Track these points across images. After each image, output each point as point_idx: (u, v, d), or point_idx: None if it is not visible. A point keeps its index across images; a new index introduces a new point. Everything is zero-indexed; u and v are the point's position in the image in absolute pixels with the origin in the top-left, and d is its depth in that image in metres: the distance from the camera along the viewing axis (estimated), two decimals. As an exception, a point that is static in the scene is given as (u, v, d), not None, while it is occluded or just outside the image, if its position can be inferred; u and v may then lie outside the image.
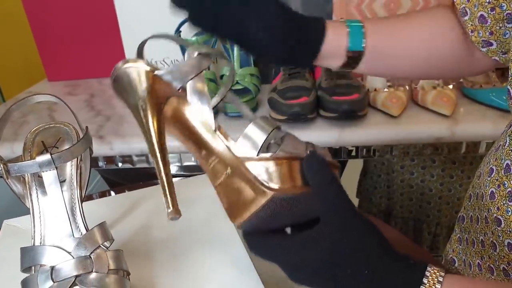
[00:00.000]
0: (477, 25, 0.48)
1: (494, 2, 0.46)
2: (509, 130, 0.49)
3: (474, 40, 0.49)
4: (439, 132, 0.79)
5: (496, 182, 0.49)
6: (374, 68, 0.52)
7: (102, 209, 0.58)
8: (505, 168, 0.47)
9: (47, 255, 0.39)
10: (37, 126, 0.47)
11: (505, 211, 0.47)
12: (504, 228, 0.47)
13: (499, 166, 0.49)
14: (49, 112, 0.98)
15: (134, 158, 0.87)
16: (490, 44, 0.49)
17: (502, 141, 0.51)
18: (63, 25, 1.15)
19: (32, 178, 0.43)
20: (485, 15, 0.47)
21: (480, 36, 0.48)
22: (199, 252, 0.49)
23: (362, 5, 1.07)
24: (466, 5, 0.49)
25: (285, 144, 0.36)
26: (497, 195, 0.48)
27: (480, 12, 0.47)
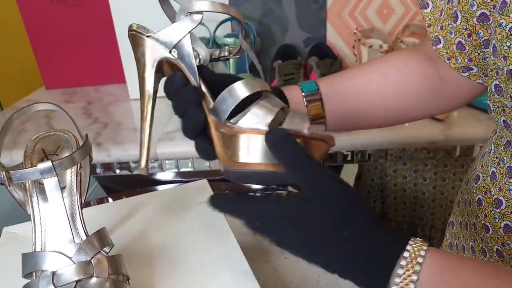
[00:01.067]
0: (455, 52, 0.48)
1: (471, 29, 0.45)
2: (494, 137, 0.50)
3: (453, 67, 0.49)
4: (433, 136, 0.81)
5: (483, 189, 0.49)
6: (351, 124, 0.55)
7: (101, 215, 0.58)
8: (491, 176, 0.48)
9: (48, 260, 0.39)
10: (37, 134, 0.47)
11: (492, 218, 0.48)
12: (492, 234, 0.48)
13: (485, 173, 0.50)
14: (47, 119, 0.99)
15: (131, 164, 0.87)
16: (470, 69, 0.48)
17: (488, 147, 0.51)
18: (60, 33, 1.16)
19: (33, 185, 0.43)
20: (463, 42, 0.47)
21: (459, 63, 0.48)
22: (198, 256, 0.49)
23: (355, 12, 1.09)
24: (439, 33, 0.49)
25: (287, 122, 0.37)
26: (484, 202, 0.49)
27: (458, 39, 0.47)
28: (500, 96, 0.42)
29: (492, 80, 0.43)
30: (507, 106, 0.41)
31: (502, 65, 0.40)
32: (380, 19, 1.09)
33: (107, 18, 1.05)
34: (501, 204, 0.46)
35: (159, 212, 0.58)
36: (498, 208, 0.47)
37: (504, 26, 0.39)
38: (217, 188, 0.74)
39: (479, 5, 0.43)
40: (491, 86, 0.43)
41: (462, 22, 0.45)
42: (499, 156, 0.48)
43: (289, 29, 1.09)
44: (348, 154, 0.85)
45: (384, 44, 0.99)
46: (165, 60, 0.39)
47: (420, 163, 1.12)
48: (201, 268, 0.48)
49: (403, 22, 1.09)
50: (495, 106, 0.44)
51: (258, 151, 0.35)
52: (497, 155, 0.48)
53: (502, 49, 0.39)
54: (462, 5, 0.45)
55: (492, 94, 0.43)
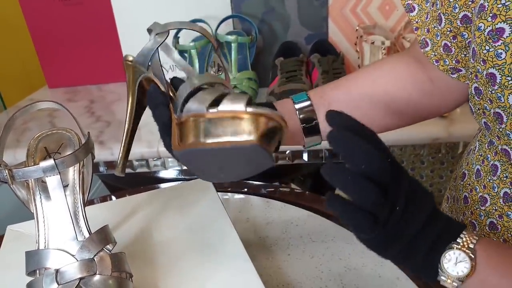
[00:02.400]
0: (442, 54, 0.48)
1: (455, 31, 0.45)
2: (479, 135, 0.50)
3: (442, 69, 0.49)
4: (436, 132, 0.81)
5: (468, 187, 0.50)
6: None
7: (104, 213, 0.59)
8: (476, 173, 0.48)
9: (52, 258, 0.39)
10: (40, 133, 0.47)
11: (478, 215, 0.48)
12: (479, 232, 0.48)
13: (470, 171, 0.50)
14: (49, 118, 0.99)
15: (134, 163, 0.88)
16: (459, 70, 0.48)
17: (473, 145, 0.51)
18: (62, 32, 1.16)
19: (36, 183, 0.44)
20: (449, 44, 0.47)
21: (447, 64, 0.48)
22: (200, 254, 0.50)
23: (357, 9, 1.09)
24: (426, 36, 0.49)
25: (225, 102, 0.37)
26: (470, 200, 0.49)
27: (444, 41, 0.47)
28: (480, 98, 0.42)
29: (472, 83, 0.43)
30: (486, 108, 0.41)
31: (482, 69, 0.40)
32: (382, 16, 1.09)
33: (109, 16, 1.05)
34: (486, 202, 0.47)
35: (162, 210, 0.58)
36: (483, 206, 0.47)
37: (482, 29, 0.39)
38: (220, 185, 0.74)
39: (461, 7, 0.43)
40: (471, 88, 0.43)
41: (447, 25, 0.45)
42: (483, 154, 0.48)
43: (291, 26, 1.08)
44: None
45: (386, 40, 0.98)
46: (143, 78, 0.45)
47: (417, 161, 1.12)
48: (203, 266, 0.48)
49: (405, 18, 1.09)
50: (475, 108, 0.44)
51: (192, 133, 0.37)
52: (481, 152, 0.48)
53: (481, 52, 0.39)
54: (445, 7, 0.45)
55: (473, 96, 0.43)
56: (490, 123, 0.42)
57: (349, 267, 0.55)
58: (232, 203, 0.70)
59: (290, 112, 0.50)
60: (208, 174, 0.43)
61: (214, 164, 0.39)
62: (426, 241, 0.33)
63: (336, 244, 0.59)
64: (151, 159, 0.87)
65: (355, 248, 0.58)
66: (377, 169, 0.32)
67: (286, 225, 0.63)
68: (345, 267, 0.55)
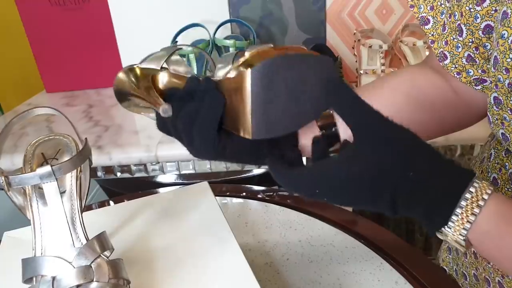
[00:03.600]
0: (465, 65, 0.46)
1: (477, 42, 0.44)
2: (493, 142, 0.49)
3: (465, 81, 0.47)
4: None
5: None
6: None
7: (101, 219, 0.58)
8: (492, 182, 0.47)
9: (48, 265, 0.39)
10: (37, 138, 0.47)
11: None
12: None
13: (485, 179, 0.48)
14: (47, 123, 0.99)
15: (132, 167, 0.87)
16: (484, 81, 0.46)
17: (487, 153, 0.50)
18: (60, 37, 1.16)
19: (33, 189, 0.43)
20: (472, 55, 0.45)
21: (471, 75, 0.46)
22: (199, 259, 0.49)
23: (354, 13, 1.09)
24: (444, 48, 0.47)
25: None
26: None
27: (467, 52, 0.45)
28: (499, 109, 0.41)
29: (492, 92, 0.41)
30: (506, 119, 0.40)
31: (503, 78, 0.39)
32: (379, 19, 1.09)
33: (107, 21, 1.05)
34: None
35: (160, 215, 0.58)
36: None
37: (506, 37, 0.37)
38: (218, 190, 0.74)
39: (482, 17, 0.42)
40: (490, 98, 0.42)
41: (468, 35, 0.44)
42: (500, 162, 0.47)
43: (288, 30, 1.09)
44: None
45: (384, 44, 0.99)
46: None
47: None
48: (202, 271, 0.48)
49: (402, 22, 1.09)
50: (494, 118, 0.43)
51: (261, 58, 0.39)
52: (498, 160, 0.47)
53: (505, 61, 0.38)
54: (466, 17, 0.43)
55: (491, 106, 0.42)
56: (509, 134, 0.41)
57: (348, 271, 0.55)
58: (231, 207, 0.70)
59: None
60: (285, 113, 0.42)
61: (291, 90, 0.40)
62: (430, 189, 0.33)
63: (335, 248, 0.59)
64: (149, 164, 0.87)
65: (354, 252, 0.58)
66: None
67: (285, 229, 0.63)
68: (344, 271, 0.55)
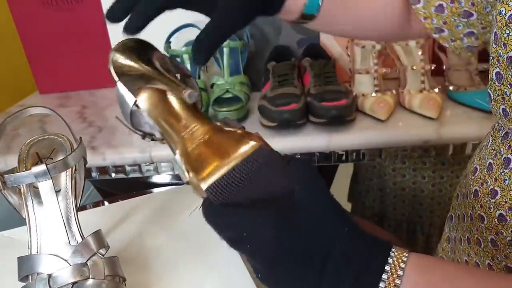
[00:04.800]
0: (432, 13, 0.51)
1: None
2: (492, 131, 0.51)
3: (428, 27, 0.53)
4: (426, 134, 0.81)
5: (480, 181, 0.50)
6: (322, 29, 0.57)
7: (96, 218, 0.58)
8: (488, 167, 0.49)
9: (44, 263, 0.39)
10: (32, 138, 0.47)
11: (487, 208, 0.48)
12: (487, 224, 0.48)
13: (482, 165, 0.50)
14: (40, 124, 0.99)
15: (127, 168, 0.87)
16: (442, 31, 0.52)
17: (486, 141, 0.52)
18: (53, 37, 1.15)
19: (28, 188, 0.43)
20: (444, 5, 0.50)
21: (434, 24, 0.52)
22: (193, 258, 0.50)
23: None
24: None
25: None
26: (480, 193, 0.50)
27: (439, 2, 0.50)
28: (501, 83, 0.43)
29: (494, 68, 0.44)
30: (506, 93, 0.42)
31: (503, 52, 0.41)
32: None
33: (100, 21, 1.05)
34: (496, 194, 0.47)
35: (155, 214, 0.58)
36: (493, 198, 0.48)
37: (504, 14, 0.40)
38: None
39: None
40: (492, 74, 0.44)
41: None
42: (496, 148, 0.48)
43: (282, 30, 1.09)
44: (343, 154, 0.85)
45: (377, 44, 0.99)
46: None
47: (418, 161, 1.13)
48: (197, 270, 0.48)
49: (395, 22, 1.10)
50: (495, 94, 0.45)
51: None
52: (494, 147, 0.49)
53: (502, 36, 0.41)
54: None
55: (493, 82, 0.44)
56: (509, 109, 0.43)
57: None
58: (225, 207, 0.70)
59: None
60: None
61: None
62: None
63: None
64: (143, 164, 0.87)
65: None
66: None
67: (279, 228, 0.63)
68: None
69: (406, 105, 0.88)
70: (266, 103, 0.83)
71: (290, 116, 0.80)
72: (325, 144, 0.81)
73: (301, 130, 0.83)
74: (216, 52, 1.05)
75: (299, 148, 0.82)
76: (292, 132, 0.81)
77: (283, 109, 0.80)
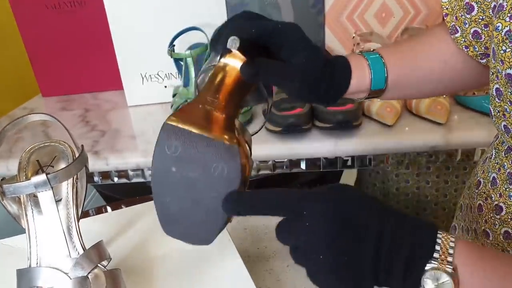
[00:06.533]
0: (471, 41, 0.48)
1: (487, 20, 0.46)
2: (495, 142, 0.49)
3: (471, 55, 0.49)
4: (434, 140, 0.80)
5: (484, 195, 0.49)
6: (393, 97, 0.53)
7: (99, 226, 0.57)
8: (492, 181, 0.48)
9: (44, 276, 0.38)
10: (32, 145, 0.46)
11: (492, 224, 0.47)
12: (493, 241, 0.47)
13: (486, 179, 0.49)
14: (43, 128, 0.98)
15: (129, 172, 0.86)
16: (488, 55, 0.48)
17: (489, 153, 0.51)
18: (56, 40, 1.15)
19: (28, 198, 0.42)
20: (479, 31, 0.47)
21: (476, 51, 0.49)
22: (198, 267, 0.48)
23: (353, 16, 1.08)
24: (455, 23, 0.49)
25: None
26: (485, 208, 0.48)
27: (474, 29, 0.47)
28: (501, 100, 0.42)
29: (493, 84, 0.43)
30: (506, 110, 0.41)
31: (501, 69, 0.40)
32: (378, 23, 1.09)
33: (103, 24, 1.04)
34: (502, 211, 0.46)
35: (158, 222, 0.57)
36: (498, 215, 0.46)
37: (500, 29, 0.39)
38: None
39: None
40: (492, 90, 0.43)
41: (479, 13, 0.46)
42: (499, 162, 0.47)
43: (287, 33, 1.08)
44: (348, 159, 0.84)
45: (383, 47, 0.98)
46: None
47: (422, 167, 1.12)
48: (201, 280, 0.47)
49: (402, 26, 1.09)
50: (495, 110, 0.44)
51: None
52: (498, 160, 0.48)
53: (499, 52, 0.39)
54: None
55: (494, 98, 0.43)
56: (511, 126, 0.42)
57: (350, 279, 0.54)
58: (229, 213, 0.69)
59: (363, 76, 0.48)
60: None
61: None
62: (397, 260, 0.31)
63: (336, 255, 0.58)
64: (146, 169, 0.86)
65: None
66: None
67: (285, 236, 0.62)
68: (345, 280, 0.54)
69: (413, 110, 0.86)
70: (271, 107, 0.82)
71: (295, 121, 0.78)
72: (331, 149, 0.80)
73: (307, 135, 0.81)
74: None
75: (304, 153, 0.81)
76: (297, 137, 0.80)
77: (288, 113, 0.79)
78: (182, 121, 0.36)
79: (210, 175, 0.35)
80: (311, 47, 0.44)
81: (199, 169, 0.35)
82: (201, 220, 0.37)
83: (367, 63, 0.47)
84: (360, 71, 0.47)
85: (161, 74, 1.07)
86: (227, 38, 0.39)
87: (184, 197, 0.37)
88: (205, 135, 0.35)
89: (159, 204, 0.38)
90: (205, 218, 0.37)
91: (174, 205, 0.37)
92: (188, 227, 0.38)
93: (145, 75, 1.07)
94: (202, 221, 0.37)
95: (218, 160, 0.35)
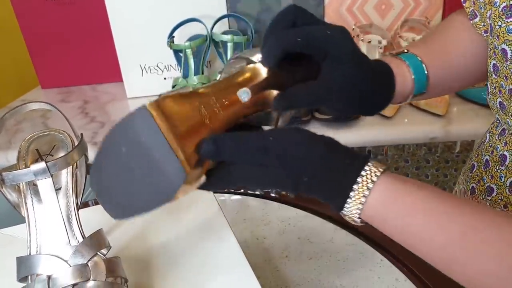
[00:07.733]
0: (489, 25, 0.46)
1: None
2: (490, 127, 0.50)
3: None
4: (433, 131, 0.80)
5: (477, 178, 0.50)
6: (430, 96, 0.50)
7: (98, 216, 0.57)
8: (485, 164, 0.49)
9: (44, 264, 0.38)
10: (31, 134, 0.46)
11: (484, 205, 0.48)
12: None
13: (479, 162, 0.50)
14: (42, 119, 0.98)
15: (129, 164, 0.86)
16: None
17: (484, 138, 0.52)
18: (55, 32, 1.14)
19: (27, 186, 0.42)
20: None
21: None
22: (197, 257, 0.49)
23: (353, 8, 1.08)
24: (473, 7, 0.48)
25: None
26: (477, 190, 0.49)
27: (489, 12, 0.45)
28: (497, 76, 0.43)
29: (491, 60, 0.43)
30: (502, 86, 0.42)
31: (497, 44, 0.41)
32: (378, 15, 1.08)
33: (103, 15, 1.04)
34: (492, 192, 0.47)
35: (158, 212, 0.57)
36: (489, 196, 0.47)
37: (498, 5, 0.40)
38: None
39: None
40: (490, 66, 0.44)
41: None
42: (493, 145, 0.48)
43: (286, 25, 1.08)
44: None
45: (383, 39, 0.98)
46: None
47: (421, 160, 1.12)
48: (200, 269, 0.47)
49: (401, 17, 1.08)
50: (492, 87, 0.44)
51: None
52: (491, 143, 0.49)
53: (495, 28, 0.40)
54: None
55: (491, 74, 0.44)
56: (505, 102, 0.42)
57: (348, 268, 0.54)
58: (229, 204, 0.69)
59: (405, 82, 0.45)
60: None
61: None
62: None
63: (334, 245, 0.58)
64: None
65: (353, 249, 0.57)
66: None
67: (284, 226, 0.62)
68: (344, 269, 0.54)
69: (413, 102, 0.86)
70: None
71: (295, 113, 0.78)
72: (330, 141, 0.80)
73: (306, 127, 0.81)
74: (220, 47, 1.04)
75: (303, 145, 0.81)
76: (297, 129, 0.80)
77: (287, 105, 0.79)
78: (163, 115, 0.32)
79: (149, 174, 0.33)
80: (359, 59, 0.40)
81: (144, 163, 0.32)
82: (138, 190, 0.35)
83: (408, 69, 0.44)
84: (401, 77, 0.44)
85: (160, 66, 1.07)
86: (269, 50, 0.37)
87: (122, 175, 0.34)
88: (169, 144, 0.31)
89: (96, 174, 0.35)
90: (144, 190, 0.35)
91: (112, 178, 0.35)
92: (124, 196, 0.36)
93: (144, 67, 1.07)
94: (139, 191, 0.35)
95: (162, 169, 0.32)
